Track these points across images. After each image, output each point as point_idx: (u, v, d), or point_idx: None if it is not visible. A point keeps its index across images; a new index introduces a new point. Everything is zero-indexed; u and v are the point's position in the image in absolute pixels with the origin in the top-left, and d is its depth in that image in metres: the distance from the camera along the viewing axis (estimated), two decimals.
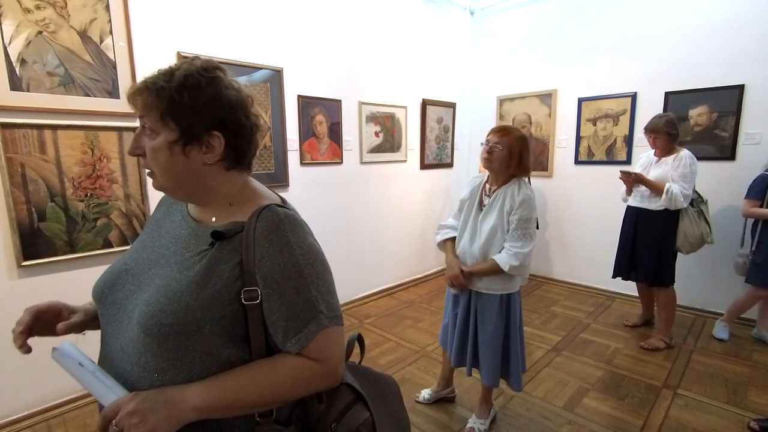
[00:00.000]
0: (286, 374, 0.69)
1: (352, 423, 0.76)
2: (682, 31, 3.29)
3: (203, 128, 0.71)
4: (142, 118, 0.71)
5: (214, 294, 0.68)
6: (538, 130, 4.25)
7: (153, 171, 0.73)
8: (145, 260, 0.76)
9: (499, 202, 1.81)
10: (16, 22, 1.90)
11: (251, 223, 0.71)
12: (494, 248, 1.81)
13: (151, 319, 0.66)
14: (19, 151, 1.97)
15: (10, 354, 2.04)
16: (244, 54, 2.74)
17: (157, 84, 0.68)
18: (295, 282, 0.70)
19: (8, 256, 1.99)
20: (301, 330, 0.69)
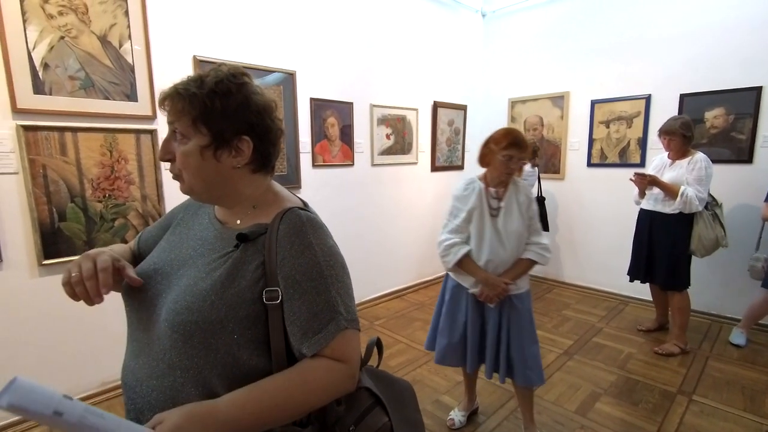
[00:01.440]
0: (317, 380, 0.68)
1: (371, 427, 0.75)
2: (697, 31, 3.25)
3: (233, 133, 0.72)
4: (173, 123, 0.73)
5: (238, 293, 0.69)
6: (550, 132, 4.22)
7: (182, 175, 0.74)
8: (174, 261, 0.77)
9: (515, 202, 1.79)
10: (40, 27, 1.96)
11: (274, 225, 0.73)
12: (521, 248, 1.80)
13: (177, 317, 0.67)
14: (42, 153, 2.02)
15: (31, 350, 2.10)
16: (258, 57, 2.78)
17: (189, 90, 0.70)
18: (316, 282, 0.70)
19: (30, 254, 2.05)
20: (320, 330, 0.69)
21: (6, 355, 2.03)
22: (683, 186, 2.56)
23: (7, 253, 1.99)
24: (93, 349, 2.29)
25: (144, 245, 0.91)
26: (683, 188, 2.55)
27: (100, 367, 2.32)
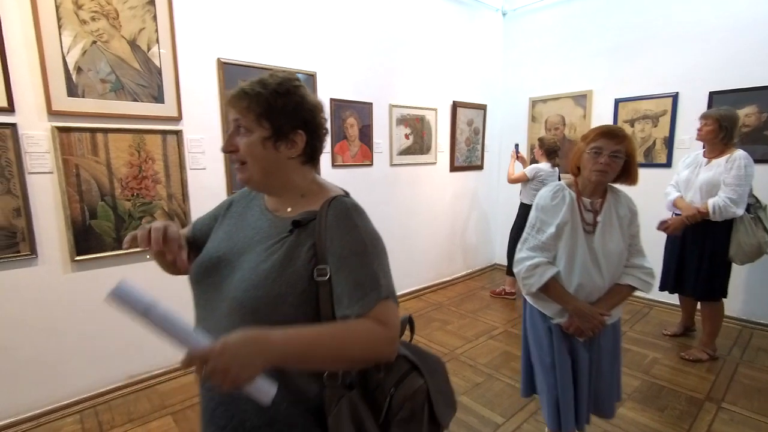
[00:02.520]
0: (361, 332, 0.73)
1: (409, 388, 0.82)
2: (727, 26, 3.15)
3: (291, 127, 0.83)
4: (237, 119, 0.82)
5: (295, 272, 0.78)
6: (572, 132, 4.15)
7: (244, 164, 0.84)
8: (234, 248, 0.87)
9: (614, 216, 1.48)
10: (74, 33, 2.05)
11: (323, 211, 0.82)
12: (620, 272, 1.51)
13: (245, 293, 0.77)
14: (74, 153, 2.11)
15: (63, 342, 2.19)
16: (280, 59, 2.83)
17: (255, 90, 0.81)
18: (361, 257, 0.79)
19: (63, 251, 2.13)
20: (363, 298, 0.76)
21: (41, 345, 2.12)
22: (711, 200, 2.39)
23: (42, 249, 2.08)
24: (120, 343, 2.37)
25: (199, 233, 1.01)
26: (711, 203, 2.38)
27: (126, 360, 2.40)
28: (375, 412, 0.80)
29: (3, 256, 1.96)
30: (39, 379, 2.13)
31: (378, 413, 0.80)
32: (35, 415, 2.12)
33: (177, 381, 2.50)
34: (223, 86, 2.57)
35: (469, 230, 4.60)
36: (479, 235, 4.73)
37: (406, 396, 0.81)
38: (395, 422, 0.80)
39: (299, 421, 0.78)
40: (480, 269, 4.78)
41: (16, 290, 2.03)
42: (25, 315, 2.07)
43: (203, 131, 2.55)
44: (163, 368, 2.53)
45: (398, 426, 0.80)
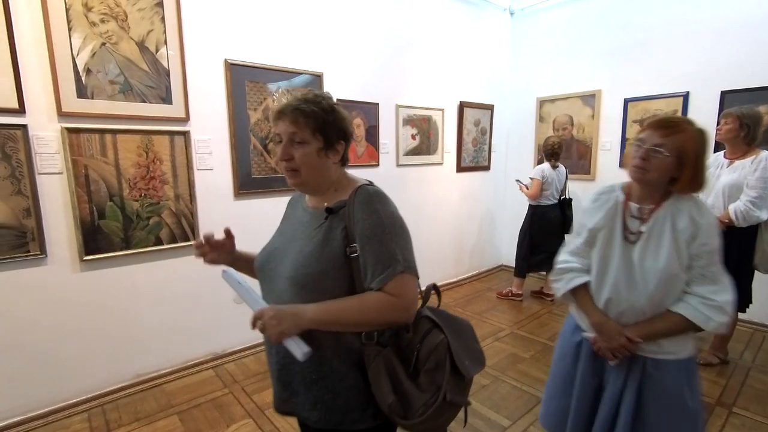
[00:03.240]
0: (372, 303, 0.92)
1: (431, 343, 0.97)
2: (738, 24, 3.09)
3: (336, 138, 1.00)
4: (294, 133, 0.96)
5: (333, 250, 0.94)
6: (580, 132, 4.11)
7: (298, 170, 0.98)
8: (285, 240, 1.06)
9: (668, 228, 1.20)
10: (84, 34, 2.07)
11: (351, 199, 0.98)
12: (671, 296, 1.20)
13: (296, 272, 0.94)
14: (84, 154, 2.13)
15: (72, 341, 2.21)
16: (287, 60, 2.83)
17: (310, 108, 0.96)
18: (380, 237, 0.93)
19: (72, 250, 2.16)
20: (383, 272, 0.91)
21: (50, 344, 2.14)
22: (731, 206, 2.30)
23: (52, 249, 2.10)
24: (128, 343, 2.39)
25: None
26: (732, 209, 2.29)
27: (135, 360, 2.42)
28: (406, 365, 0.96)
29: (13, 256, 1.99)
30: (48, 377, 2.15)
31: (406, 366, 0.96)
32: (44, 413, 2.14)
33: (183, 380, 2.51)
34: (231, 87, 2.58)
35: (476, 231, 4.58)
36: (486, 236, 4.71)
37: (430, 349, 0.96)
38: (423, 372, 0.95)
39: (347, 374, 0.95)
40: (486, 270, 4.75)
41: (26, 289, 2.06)
42: (35, 314, 2.09)
43: (210, 132, 2.56)
44: (170, 368, 2.54)
45: (425, 375, 0.95)
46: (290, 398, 1.00)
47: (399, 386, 0.93)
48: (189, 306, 2.60)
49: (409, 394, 0.92)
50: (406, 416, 0.92)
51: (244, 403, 2.29)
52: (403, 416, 0.92)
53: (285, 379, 1.00)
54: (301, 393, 0.98)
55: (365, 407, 0.96)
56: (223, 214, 2.66)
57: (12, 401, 2.07)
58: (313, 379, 0.95)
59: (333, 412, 0.95)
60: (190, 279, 2.58)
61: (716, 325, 1.14)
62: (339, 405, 0.95)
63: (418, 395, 0.93)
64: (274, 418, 2.16)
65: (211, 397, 2.35)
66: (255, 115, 2.73)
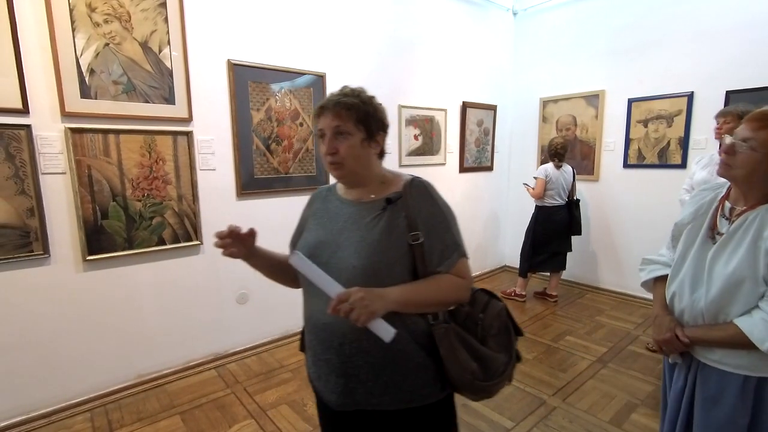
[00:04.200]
0: (447, 284, 1.00)
1: (494, 310, 1.07)
2: (744, 24, 3.07)
3: (377, 129, 1.04)
4: (338, 126, 0.99)
5: (397, 238, 0.98)
6: (584, 132, 4.09)
7: (343, 162, 1.00)
8: (330, 233, 1.05)
9: (751, 233, 1.09)
10: (87, 35, 2.07)
11: (406, 190, 1.03)
12: (734, 306, 1.11)
13: (365, 260, 0.96)
14: (87, 154, 2.13)
15: (75, 341, 2.21)
16: (289, 60, 2.83)
17: (350, 101, 1.00)
18: (443, 224, 1.02)
19: (75, 250, 2.16)
20: (449, 257, 1.00)
21: (53, 344, 2.14)
22: None
23: (55, 249, 2.10)
24: (131, 343, 2.39)
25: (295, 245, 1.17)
26: None
27: (137, 360, 2.42)
28: (472, 335, 1.04)
29: (17, 256, 1.99)
30: (50, 377, 2.16)
31: (473, 336, 1.04)
32: (47, 412, 2.14)
33: (186, 381, 2.51)
34: (233, 87, 2.59)
35: (479, 232, 4.56)
36: (489, 237, 4.69)
37: (493, 316, 1.06)
38: (490, 337, 1.05)
39: (414, 354, 0.99)
40: (490, 271, 4.74)
41: (29, 289, 2.06)
42: (37, 314, 2.10)
43: (213, 132, 2.56)
44: (173, 368, 2.55)
45: (493, 339, 1.05)
46: (357, 389, 0.99)
47: (476, 353, 1.01)
48: (191, 306, 2.60)
49: (487, 358, 1.02)
50: (486, 378, 1.01)
51: (246, 404, 2.29)
52: (484, 379, 1.01)
53: (351, 371, 0.99)
54: (369, 381, 0.99)
55: (432, 383, 1.01)
56: (225, 215, 2.67)
57: (15, 401, 2.08)
58: (382, 365, 0.97)
59: (403, 392, 0.99)
60: (193, 279, 2.58)
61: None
62: (409, 384, 0.99)
63: (495, 357, 1.04)
64: (276, 418, 2.16)
65: (213, 397, 2.35)
66: (258, 116, 2.73)
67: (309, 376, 1.12)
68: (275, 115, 2.80)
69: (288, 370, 2.63)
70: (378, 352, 0.96)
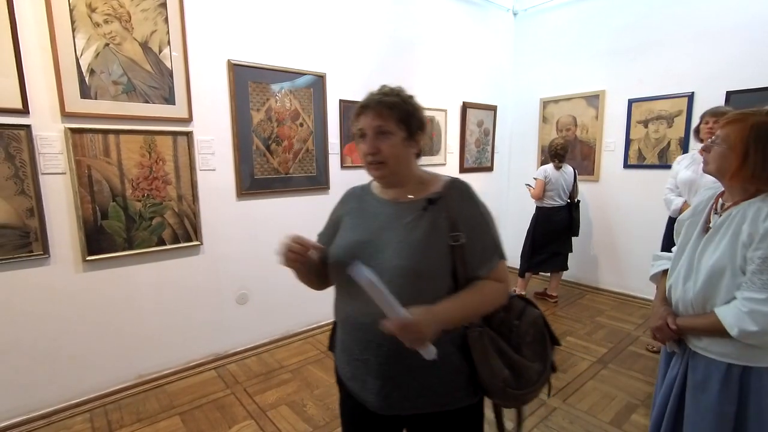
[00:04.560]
0: (490, 292, 0.99)
1: (530, 317, 1.06)
2: (744, 24, 3.07)
3: (416, 129, 1.03)
4: (380, 126, 0.99)
5: (440, 239, 0.98)
6: (584, 132, 4.09)
7: (385, 162, 1.00)
8: (369, 232, 1.04)
9: (733, 227, 1.15)
10: (87, 35, 2.07)
11: (447, 191, 1.03)
12: (720, 295, 1.16)
13: (409, 260, 0.95)
14: (87, 155, 2.13)
15: (74, 342, 2.21)
16: (289, 60, 2.83)
17: (392, 100, 1.00)
18: (484, 226, 1.02)
19: (75, 251, 2.16)
20: (489, 260, 1.01)
21: (52, 345, 2.14)
22: None
23: (54, 250, 2.10)
24: (130, 343, 2.39)
25: (327, 244, 1.13)
26: None
27: (137, 360, 2.42)
28: (505, 341, 1.02)
29: (16, 256, 1.99)
30: (50, 377, 2.15)
31: (506, 342, 1.02)
32: (46, 413, 2.14)
33: (185, 381, 2.51)
34: (234, 87, 2.59)
35: None
36: None
37: (529, 323, 1.05)
38: (525, 345, 1.03)
39: (450, 357, 0.98)
40: None
41: (29, 289, 2.06)
42: (37, 314, 2.10)
43: (213, 132, 2.56)
44: (172, 368, 2.54)
45: (528, 348, 1.03)
46: (392, 392, 0.99)
47: (509, 361, 0.99)
48: (191, 306, 2.60)
49: (520, 367, 1.00)
50: (519, 387, 0.99)
51: (246, 404, 2.28)
52: (516, 387, 0.99)
53: (388, 373, 0.98)
54: (405, 384, 0.98)
55: (466, 386, 1.01)
56: (225, 215, 2.67)
57: (14, 401, 2.07)
58: (419, 368, 0.96)
59: (439, 395, 0.99)
60: (193, 279, 2.58)
61: (739, 333, 1.08)
62: (444, 388, 0.99)
63: (529, 366, 1.01)
64: (276, 419, 2.16)
65: (213, 397, 2.35)
66: (258, 116, 2.73)
67: (339, 374, 1.12)
68: (275, 115, 2.80)
69: (288, 371, 2.63)
70: (416, 355, 0.94)
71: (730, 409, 1.16)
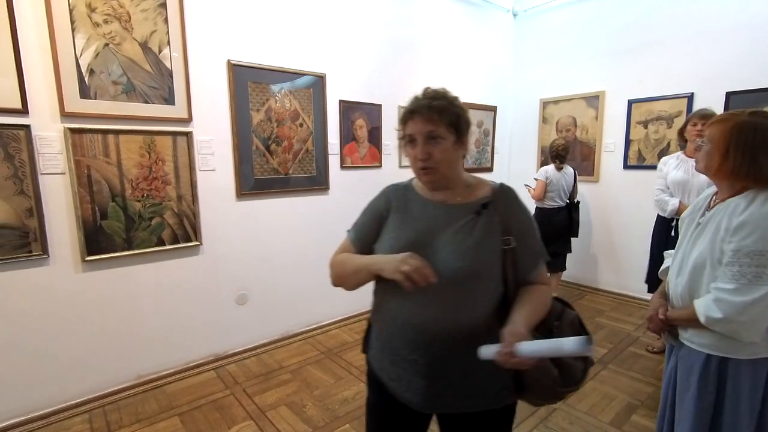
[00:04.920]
0: (544, 296, 1.04)
1: (568, 318, 1.09)
2: (744, 25, 3.07)
3: (464, 132, 1.04)
4: (432, 131, 0.99)
5: (494, 242, 1.01)
6: (584, 133, 4.09)
7: (436, 167, 1.01)
8: (420, 234, 1.04)
9: (716, 222, 1.19)
10: (87, 35, 2.07)
11: (496, 195, 1.06)
12: (702, 288, 1.21)
13: (466, 263, 0.97)
14: (86, 155, 2.13)
15: (73, 342, 2.21)
16: (289, 61, 2.83)
17: (442, 104, 1.00)
18: (532, 232, 1.06)
19: (74, 251, 2.15)
20: (538, 265, 1.05)
21: (52, 345, 2.14)
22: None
23: (54, 250, 2.10)
24: (130, 344, 2.38)
25: (367, 238, 1.14)
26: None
27: (136, 360, 2.41)
28: None
29: (15, 256, 1.99)
30: (49, 378, 2.15)
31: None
32: (45, 413, 2.14)
33: (185, 381, 2.50)
34: (233, 88, 2.58)
35: None
36: None
37: (568, 324, 1.07)
38: None
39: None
40: None
41: (28, 290, 2.06)
42: (36, 314, 2.09)
43: (213, 133, 2.56)
44: (172, 368, 2.54)
45: None
46: (442, 392, 1.01)
47: (557, 360, 1.01)
48: (190, 307, 2.59)
49: (567, 365, 1.02)
50: (565, 384, 1.01)
51: (246, 405, 2.28)
52: (563, 385, 1.01)
53: (437, 373, 1.01)
54: (454, 384, 1.01)
55: (510, 386, 1.04)
56: (225, 215, 2.66)
57: (13, 402, 2.07)
58: (469, 369, 1.00)
59: (487, 396, 1.03)
60: (192, 280, 2.57)
61: (706, 320, 1.14)
62: (492, 388, 1.03)
63: (574, 364, 1.03)
64: (276, 419, 2.15)
65: (213, 398, 2.35)
66: (257, 116, 2.73)
67: (376, 375, 1.12)
68: (275, 115, 2.80)
69: (287, 371, 2.63)
70: (467, 355, 0.96)
71: (708, 399, 1.21)
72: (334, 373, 2.62)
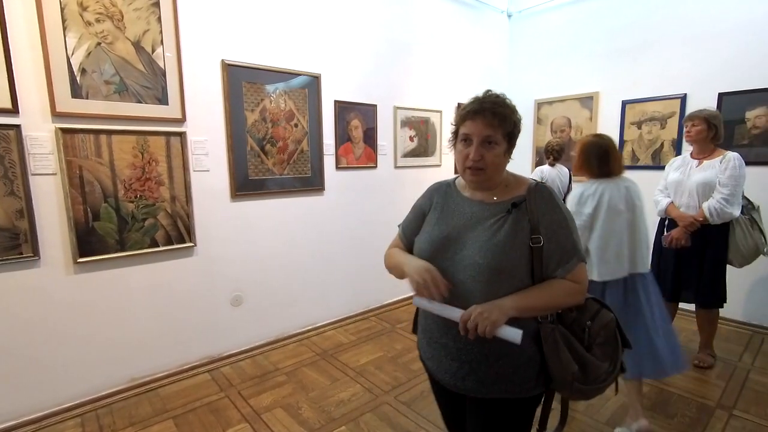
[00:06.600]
0: (561, 290, 1.04)
1: (603, 320, 1.11)
2: (736, 27, 3.10)
3: (515, 143, 1.10)
4: (489, 136, 1.03)
5: (521, 240, 1.03)
6: (578, 134, 4.11)
7: (485, 169, 1.05)
8: (454, 230, 1.10)
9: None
10: (79, 34, 2.04)
11: (530, 195, 1.07)
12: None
13: (492, 260, 1.01)
14: (78, 155, 2.10)
15: (65, 345, 2.18)
16: (284, 61, 2.82)
17: (503, 111, 1.05)
18: (565, 230, 1.06)
19: (66, 252, 2.13)
20: (568, 261, 1.05)
21: (43, 348, 2.11)
22: (704, 204, 2.37)
23: (45, 251, 2.07)
24: (123, 346, 2.36)
25: (411, 233, 1.23)
26: (706, 207, 2.36)
27: (129, 363, 2.38)
28: (577, 339, 1.08)
29: (5, 258, 1.96)
30: (41, 381, 2.12)
31: (579, 341, 1.08)
32: (37, 417, 2.10)
33: (179, 384, 2.48)
34: (227, 88, 2.57)
35: None
36: None
37: (601, 326, 1.10)
38: (596, 346, 1.09)
39: (525, 349, 1.04)
40: None
41: (19, 292, 2.03)
42: (27, 317, 2.06)
43: (207, 133, 2.54)
44: (166, 371, 2.51)
45: (599, 348, 1.10)
46: (468, 375, 1.08)
47: (579, 357, 1.06)
48: (184, 308, 2.57)
49: (589, 364, 1.06)
50: (586, 382, 1.06)
51: (240, 407, 2.26)
52: (583, 382, 1.06)
53: (465, 357, 1.07)
54: (482, 370, 1.06)
55: (538, 376, 1.07)
56: (219, 216, 2.64)
57: (3, 406, 2.04)
58: (496, 357, 1.05)
59: (513, 384, 1.06)
60: (186, 281, 2.55)
61: None
62: (518, 377, 1.06)
63: (598, 365, 1.08)
64: (271, 422, 2.14)
65: (207, 401, 2.32)
66: (252, 116, 2.71)
67: (421, 354, 1.23)
68: (270, 116, 2.78)
69: (283, 373, 2.61)
70: (494, 343, 1.00)
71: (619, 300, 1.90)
72: (329, 374, 2.60)
